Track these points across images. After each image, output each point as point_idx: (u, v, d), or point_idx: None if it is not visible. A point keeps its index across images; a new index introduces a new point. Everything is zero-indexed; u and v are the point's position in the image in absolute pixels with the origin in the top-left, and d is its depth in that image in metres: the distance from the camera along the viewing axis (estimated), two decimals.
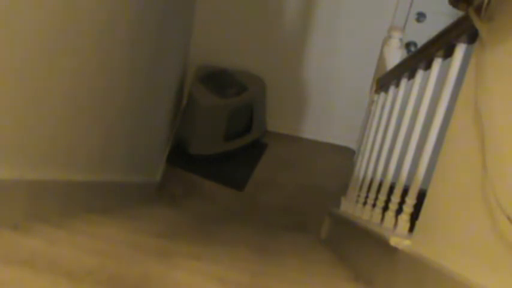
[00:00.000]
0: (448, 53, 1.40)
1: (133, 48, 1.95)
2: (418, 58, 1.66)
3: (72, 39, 1.34)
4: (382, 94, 2.27)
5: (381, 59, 2.58)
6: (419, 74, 1.65)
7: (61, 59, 1.30)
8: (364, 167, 2.22)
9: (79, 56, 1.42)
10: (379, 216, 1.70)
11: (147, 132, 2.60)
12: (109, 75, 1.74)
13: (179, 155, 3.29)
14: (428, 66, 1.56)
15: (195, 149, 3.26)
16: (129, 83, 2.00)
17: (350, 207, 2.29)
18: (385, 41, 2.57)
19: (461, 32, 1.26)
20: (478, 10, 1.04)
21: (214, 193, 3.17)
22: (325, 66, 3.44)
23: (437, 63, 1.49)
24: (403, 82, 1.89)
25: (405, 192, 1.45)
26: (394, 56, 2.44)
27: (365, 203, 1.99)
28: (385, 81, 2.22)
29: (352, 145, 3.36)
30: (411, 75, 1.78)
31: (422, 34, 1.98)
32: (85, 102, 1.56)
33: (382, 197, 1.74)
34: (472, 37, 1.18)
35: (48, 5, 1.17)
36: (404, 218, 1.39)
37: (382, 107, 2.18)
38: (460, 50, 1.31)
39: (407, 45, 3.14)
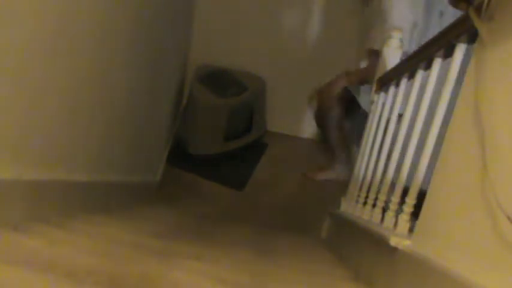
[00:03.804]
0: (448, 53, 1.40)
1: (133, 48, 1.95)
2: (418, 58, 1.66)
3: (72, 39, 1.34)
4: (382, 94, 2.27)
5: (381, 59, 2.58)
6: (419, 74, 1.65)
7: (60, 59, 1.30)
8: (364, 167, 2.21)
9: (78, 56, 1.42)
10: (379, 216, 1.70)
11: (147, 132, 2.60)
12: (109, 75, 1.74)
13: (179, 155, 3.29)
14: (428, 66, 1.56)
15: (195, 149, 3.25)
16: (128, 83, 2.00)
17: (350, 207, 2.29)
18: (385, 41, 2.57)
19: (461, 32, 1.26)
20: (478, 10, 1.04)
21: (214, 193, 3.17)
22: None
23: (437, 63, 1.49)
24: (403, 82, 1.89)
25: (405, 192, 1.45)
26: (394, 56, 2.44)
27: (365, 203, 1.98)
28: (385, 81, 2.22)
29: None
30: (411, 75, 1.78)
31: None
32: (85, 102, 1.56)
33: (382, 197, 1.74)
34: (472, 37, 1.18)
35: (48, 5, 1.17)
36: (405, 218, 1.39)
37: (382, 107, 2.17)
38: (460, 50, 1.31)
39: None
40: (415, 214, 1.30)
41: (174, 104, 3.31)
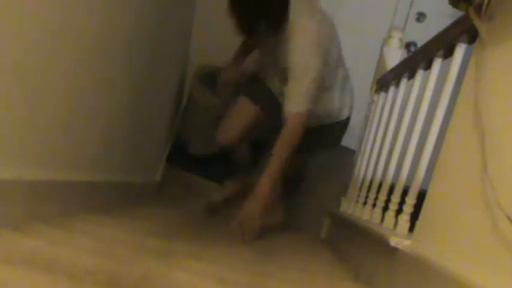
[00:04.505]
0: (448, 53, 1.40)
1: (133, 48, 1.95)
2: (418, 58, 1.67)
3: (72, 39, 1.34)
4: (382, 94, 2.27)
5: (381, 59, 2.58)
6: (419, 74, 1.65)
7: (61, 59, 1.30)
8: (364, 167, 2.22)
9: (78, 56, 1.42)
10: (379, 216, 1.70)
11: (147, 132, 2.60)
12: (109, 75, 1.74)
13: (179, 155, 3.29)
14: (428, 66, 1.56)
15: (195, 149, 3.25)
16: (128, 83, 2.00)
17: (350, 207, 2.29)
18: (385, 41, 2.58)
19: (461, 32, 1.26)
20: (478, 10, 1.04)
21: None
22: None
23: (437, 63, 1.49)
24: (403, 82, 1.89)
25: (405, 192, 1.45)
26: (394, 56, 2.45)
27: (365, 203, 1.99)
28: (385, 81, 2.23)
29: (352, 145, 3.36)
30: (411, 75, 1.78)
31: (422, 34, 1.98)
32: (85, 102, 1.56)
33: (382, 197, 1.74)
34: (472, 37, 1.18)
35: (48, 5, 1.17)
36: (404, 218, 1.39)
37: (382, 107, 2.18)
38: (460, 50, 1.31)
39: (407, 45, 3.14)
40: (415, 214, 1.30)
41: (174, 104, 3.31)
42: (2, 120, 1.07)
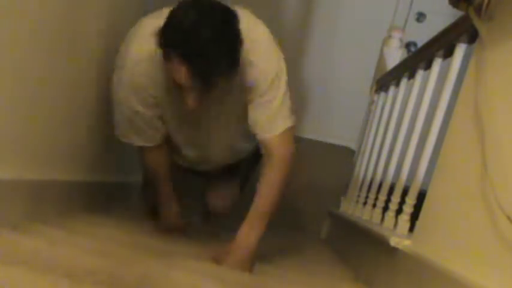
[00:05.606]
0: (448, 53, 1.40)
1: None
2: (418, 58, 1.67)
3: (72, 39, 1.34)
4: (382, 94, 2.27)
5: (381, 59, 2.58)
6: (419, 74, 1.65)
7: (61, 59, 1.30)
8: (364, 167, 2.22)
9: (79, 56, 1.42)
10: (379, 216, 1.70)
11: None
12: (109, 75, 1.74)
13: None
14: (428, 66, 1.56)
15: None
16: None
17: (350, 207, 2.29)
18: (385, 41, 2.58)
19: (461, 32, 1.26)
20: (478, 10, 1.04)
21: None
22: (325, 66, 3.44)
23: (437, 63, 1.49)
24: (403, 82, 1.89)
25: (405, 192, 1.45)
26: (394, 56, 2.45)
27: (365, 203, 1.99)
28: (385, 81, 2.23)
29: (352, 145, 3.36)
30: (411, 75, 1.78)
31: (422, 34, 1.98)
32: (85, 102, 1.56)
33: (382, 197, 1.74)
34: (472, 37, 1.18)
35: (48, 7, 1.17)
36: (404, 218, 1.39)
37: (382, 107, 2.18)
38: (460, 50, 1.31)
39: (407, 45, 3.14)
40: (415, 214, 1.30)
41: None
42: (2, 120, 1.07)
